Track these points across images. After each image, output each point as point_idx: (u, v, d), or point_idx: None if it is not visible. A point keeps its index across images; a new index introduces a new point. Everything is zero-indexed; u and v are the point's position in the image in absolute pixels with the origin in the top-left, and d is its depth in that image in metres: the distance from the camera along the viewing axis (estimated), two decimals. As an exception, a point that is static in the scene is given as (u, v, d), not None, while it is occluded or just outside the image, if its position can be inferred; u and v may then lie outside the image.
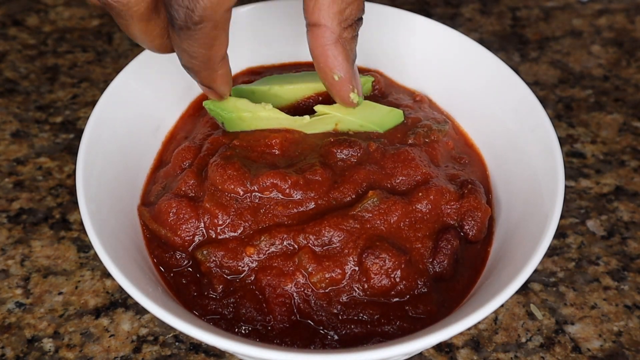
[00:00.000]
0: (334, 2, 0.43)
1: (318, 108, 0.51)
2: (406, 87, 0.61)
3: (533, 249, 0.43)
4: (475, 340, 0.52)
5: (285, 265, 0.46)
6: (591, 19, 0.84)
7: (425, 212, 0.48)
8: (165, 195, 0.49)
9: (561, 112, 0.72)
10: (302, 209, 0.48)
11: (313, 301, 0.45)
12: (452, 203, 0.49)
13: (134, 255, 0.47)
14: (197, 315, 0.46)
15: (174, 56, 0.58)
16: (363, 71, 0.61)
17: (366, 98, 0.53)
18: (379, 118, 0.53)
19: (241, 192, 0.48)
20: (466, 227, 0.49)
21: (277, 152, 0.51)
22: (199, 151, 0.52)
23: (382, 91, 0.58)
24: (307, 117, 0.51)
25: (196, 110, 0.58)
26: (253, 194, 0.48)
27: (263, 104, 0.51)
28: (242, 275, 0.46)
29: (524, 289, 0.56)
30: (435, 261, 0.47)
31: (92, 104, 0.70)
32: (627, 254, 0.59)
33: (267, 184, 0.47)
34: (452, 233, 0.48)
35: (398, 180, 0.50)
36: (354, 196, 0.48)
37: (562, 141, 0.68)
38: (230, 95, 0.50)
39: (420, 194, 0.48)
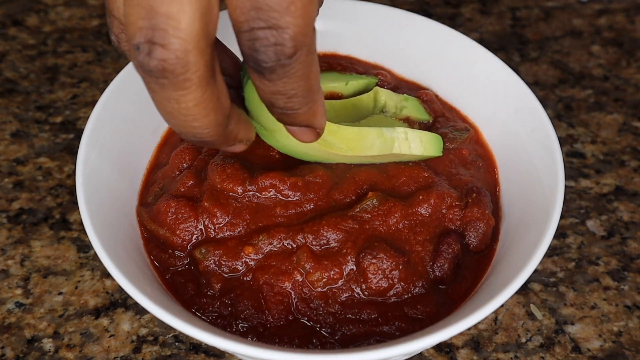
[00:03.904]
0: None
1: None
2: (414, 82, 0.61)
3: (533, 249, 0.43)
4: (475, 340, 0.52)
5: (284, 264, 0.46)
6: (591, 19, 0.84)
7: (425, 216, 0.48)
8: (164, 196, 0.49)
9: (561, 112, 0.72)
10: (300, 210, 0.48)
11: (311, 300, 0.45)
12: (454, 209, 0.49)
13: (133, 255, 0.47)
14: (196, 314, 0.46)
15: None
16: (370, 68, 0.61)
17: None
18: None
19: (240, 192, 0.48)
20: (468, 238, 0.49)
21: (277, 155, 0.51)
22: (197, 153, 0.52)
23: (393, 85, 0.59)
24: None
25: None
26: (252, 193, 0.48)
27: None
28: (240, 274, 0.46)
29: (524, 289, 0.56)
30: (435, 265, 0.47)
31: (92, 104, 0.70)
32: (627, 254, 0.59)
33: (266, 184, 0.48)
34: (453, 237, 0.48)
35: (399, 183, 0.50)
36: (354, 197, 0.48)
37: (562, 141, 0.68)
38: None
39: (420, 197, 0.48)
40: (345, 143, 0.49)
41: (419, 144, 0.50)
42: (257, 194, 0.48)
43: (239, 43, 0.34)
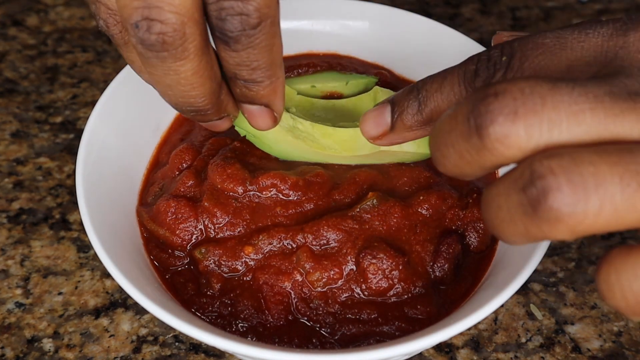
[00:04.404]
0: None
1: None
2: (414, 82, 0.61)
3: (533, 249, 0.43)
4: (475, 340, 0.52)
5: (284, 264, 0.46)
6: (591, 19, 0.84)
7: (426, 216, 0.48)
8: (164, 196, 0.49)
9: (561, 112, 0.72)
10: (301, 210, 0.48)
11: (311, 300, 0.45)
12: (455, 210, 0.49)
13: (133, 255, 0.47)
14: (196, 314, 0.46)
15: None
16: (370, 68, 0.61)
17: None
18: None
19: (240, 191, 0.48)
20: (468, 238, 0.49)
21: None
22: (197, 152, 0.52)
23: (393, 85, 0.58)
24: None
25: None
26: (252, 193, 0.48)
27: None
28: (240, 274, 0.46)
29: (524, 289, 0.56)
30: (435, 265, 0.47)
31: (92, 104, 0.70)
32: (627, 254, 0.59)
33: (267, 184, 0.48)
34: (453, 238, 0.48)
35: (400, 184, 0.50)
36: (354, 197, 0.48)
37: (562, 141, 0.68)
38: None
39: (421, 197, 0.48)
40: (340, 144, 0.49)
41: (411, 142, 0.50)
42: (257, 193, 0.48)
43: (207, 15, 0.36)
